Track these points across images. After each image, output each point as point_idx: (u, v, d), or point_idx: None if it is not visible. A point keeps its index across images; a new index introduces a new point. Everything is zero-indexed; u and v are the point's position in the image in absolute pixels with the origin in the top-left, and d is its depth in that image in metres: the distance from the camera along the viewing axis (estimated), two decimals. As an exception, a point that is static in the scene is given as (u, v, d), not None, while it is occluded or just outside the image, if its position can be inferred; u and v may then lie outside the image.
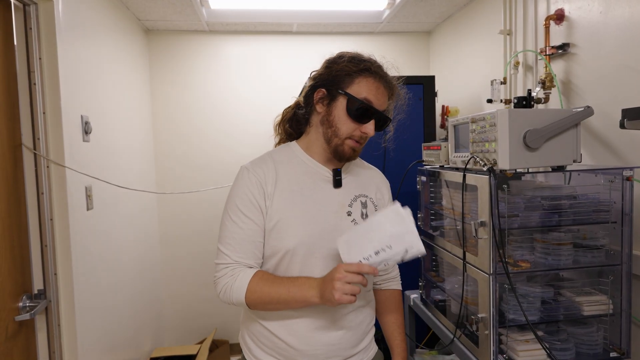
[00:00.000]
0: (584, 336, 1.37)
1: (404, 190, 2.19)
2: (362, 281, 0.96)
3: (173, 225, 3.04)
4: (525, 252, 1.40)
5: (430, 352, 2.05)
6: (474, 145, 1.41)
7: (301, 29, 3.01)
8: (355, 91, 1.05)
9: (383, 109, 1.09)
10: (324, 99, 1.09)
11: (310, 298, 1.00)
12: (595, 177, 1.41)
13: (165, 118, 3.00)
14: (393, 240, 0.95)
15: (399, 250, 0.95)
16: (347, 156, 1.10)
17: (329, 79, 1.08)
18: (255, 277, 1.05)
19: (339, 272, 0.95)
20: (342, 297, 0.94)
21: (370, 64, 1.07)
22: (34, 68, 1.57)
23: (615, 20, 1.50)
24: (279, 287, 1.03)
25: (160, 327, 3.00)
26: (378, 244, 0.96)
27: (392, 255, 0.96)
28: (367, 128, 1.06)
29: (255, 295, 1.03)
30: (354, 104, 1.04)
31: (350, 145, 1.08)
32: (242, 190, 1.08)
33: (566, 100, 1.75)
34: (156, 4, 2.44)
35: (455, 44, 2.75)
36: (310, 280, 1.03)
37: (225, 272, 1.06)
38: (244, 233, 1.06)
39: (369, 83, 1.06)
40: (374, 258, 0.96)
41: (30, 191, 1.57)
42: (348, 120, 1.06)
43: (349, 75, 1.06)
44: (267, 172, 1.09)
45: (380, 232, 0.96)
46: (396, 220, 0.96)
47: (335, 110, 1.07)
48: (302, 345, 1.06)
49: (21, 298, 1.49)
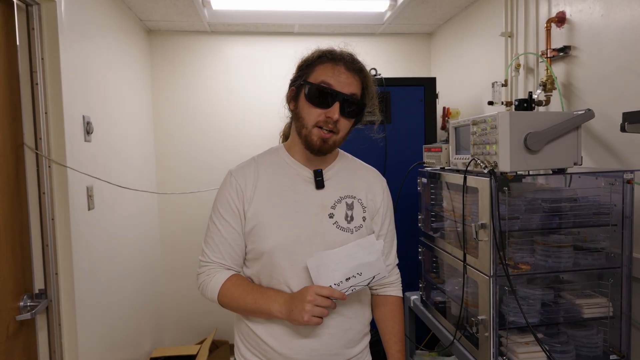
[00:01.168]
0: (584, 339, 1.37)
1: (405, 191, 2.19)
2: (331, 305, 0.99)
3: (174, 226, 3.05)
4: (525, 255, 1.40)
5: (430, 353, 2.05)
6: (474, 148, 1.42)
7: (302, 30, 3.01)
8: (314, 78, 1.06)
9: (350, 92, 1.05)
10: (294, 96, 1.11)
11: (274, 312, 1.02)
12: (595, 179, 1.41)
13: (167, 118, 3.00)
14: (364, 268, 1.02)
15: (368, 277, 1.03)
16: (316, 147, 1.06)
17: (296, 77, 1.11)
18: (228, 281, 1.08)
19: (310, 295, 0.97)
20: (311, 319, 0.97)
21: (327, 51, 1.08)
22: (36, 68, 1.57)
23: (616, 23, 1.50)
24: (247, 295, 1.06)
25: (161, 327, 3.01)
26: (349, 271, 1.01)
27: (360, 281, 1.03)
28: (331, 111, 1.03)
29: (226, 299, 1.08)
30: (313, 89, 1.05)
31: (318, 135, 1.05)
32: (223, 195, 1.12)
33: (567, 103, 1.75)
34: (158, 5, 2.45)
35: (457, 45, 2.75)
36: (279, 295, 1.04)
37: (204, 270, 1.11)
38: (222, 236, 1.10)
39: (326, 67, 1.06)
40: (344, 284, 1.01)
41: (32, 191, 1.57)
42: (311, 107, 1.05)
43: (309, 66, 1.08)
44: (248, 176, 1.11)
45: (353, 260, 1.02)
46: (370, 250, 1.03)
47: (300, 101, 1.08)
48: (283, 349, 1.06)
49: (22, 297, 1.50)
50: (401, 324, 1.22)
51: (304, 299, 0.97)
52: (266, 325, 1.08)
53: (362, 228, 1.12)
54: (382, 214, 1.19)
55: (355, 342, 1.13)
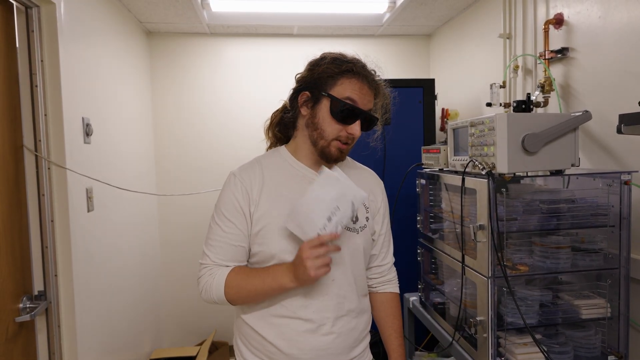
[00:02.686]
0: (582, 339, 1.37)
1: (404, 192, 2.20)
2: (330, 249, 0.98)
3: (173, 227, 3.05)
4: (523, 256, 1.40)
5: (429, 354, 2.05)
6: (473, 149, 1.42)
7: (302, 32, 3.02)
8: (338, 92, 1.05)
9: (368, 109, 1.08)
10: (308, 102, 1.10)
11: (285, 284, 1.02)
12: (593, 181, 1.42)
13: (166, 120, 3.01)
14: (338, 201, 1.00)
15: (347, 207, 1.00)
16: (334, 158, 1.09)
17: (312, 81, 1.08)
18: (232, 272, 1.07)
19: (305, 252, 0.97)
20: (318, 272, 0.96)
21: (352, 64, 1.07)
22: (35, 70, 1.57)
23: (613, 25, 1.51)
24: (254, 278, 1.05)
25: (160, 328, 3.00)
26: (327, 212, 0.99)
27: (343, 214, 1.00)
28: (353, 129, 1.05)
29: (233, 291, 1.06)
30: (338, 105, 1.04)
31: (336, 147, 1.08)
32: (227, 196, 1.10)
33: (565, 104, 1.76)
34: (157, 7, 2.45)
35: (455, 47, 2.76)
36: (282, 267, 1.04)
37: (205, 272, 1.10)
38: (227, 237, 1.08)
39: (352, 83, 1.06)
40: (329, 225, 0.99)
41: (31, 193, 1.57)
42: (333, 122, 1.06)
43: (332, 77, 1.06)
44: (254, 178, 1.10)
45: (323, 201, 0.99)
46: (331, 183, 1.00)
47: (320, 112, 1.07)
48: (291, 349, 1.06)
49: (21, 299, 1.50)
50: (400, 320, 1.25)
51: (302, 259, 0.97)
52: (274, 327, 1.07)
53: (366, 228, 1.15)
54: (382, 214, 1.23)
55: (359, 342, 1.15)
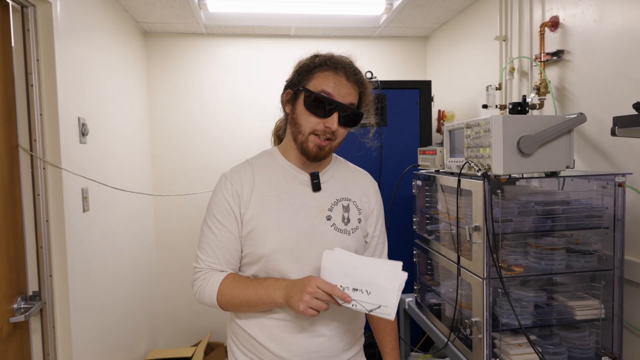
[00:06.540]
0: (577, 340, 1.38)
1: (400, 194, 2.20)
2: (330, 301, 0.96)
3: (169, 228, 3.04)
4: (518, 257, 1.41)
5: (425, 355, 2.05)
6: (468, 151, 1.43)
7: (299, 33, 3.02)
8: (313, 86, 1.05)
9: (348, 102, 1.06)
10: (290, 100, 1.11)
11: (276, 299, 1.01)
12: (588, 182, 1.43)
13: (162, 120, 3.00)
14: (375, 289, 0.95)
15: (374, 302, 0.95)
16: (312, 154, 1.06)
17: (294, 79, 1.10)
18: (225, 279, 1.07)
19: (312, 286, 0.95)
20: (307, 310, 0.94)
21: (327, 58, 1.07)
22: (31, 70, 1.57)
23: (608, 27, 1.52)
24: (247, 289, 1.04)
25: (156, 329, 2.99)
26: (361, 283, 0.95)
27: (365, 300, 0.95)
28: (329, 122, 1.04)
29: (226, 298, 1.06)
30: (310, 96, 1.04)
31: (314, 142, 1.06)
32: (218, 198, 1.10)
33: (560, 107, 1.77)
34: (154, 7, 2.45)
35: (452, 49, 2.77)
36: (279, 282, 1.03)
37: (199, 275, 1.09)
38: (218, 240, 1.08)
39: (326, 76, 1.05)
40: (348, 292, 0.95)
41: (27, 193, 1.57)
42: (309, 115, 1.05)
43: (308, 72, 1.07)
44: (244, 179, 1.10)
45: (370, 274, 0.96)
46: (390, 275, 0.96)
47: (298, 107, 1.08)
48: (281, 351, 1.05)
49: (16, 300, 1.49)
50: (394, 323, 1.23)
51: (304, 289, 0.95)
52: (265, 328, 1.07)
53: (358, 230, 1.13)
54: (376, 216, 1.21)
55: (352, 344, 1.14)
